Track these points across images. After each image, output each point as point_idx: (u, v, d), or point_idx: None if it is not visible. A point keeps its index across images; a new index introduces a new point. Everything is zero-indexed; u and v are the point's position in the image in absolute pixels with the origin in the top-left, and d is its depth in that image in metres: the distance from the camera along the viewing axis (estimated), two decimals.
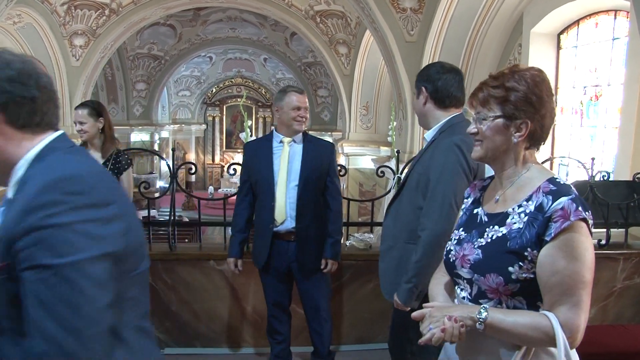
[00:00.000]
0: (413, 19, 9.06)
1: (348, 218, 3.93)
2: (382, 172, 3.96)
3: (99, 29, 12.53)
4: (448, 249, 1.80)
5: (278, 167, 3.32)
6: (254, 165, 3.40)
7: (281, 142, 3.37)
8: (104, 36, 12.69)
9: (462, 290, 1.74)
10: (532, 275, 1.57)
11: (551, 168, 8.07)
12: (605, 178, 4.25)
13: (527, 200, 1.63)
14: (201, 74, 24.54)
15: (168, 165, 4.03)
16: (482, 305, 1.58)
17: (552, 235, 1.53)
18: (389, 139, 14.11)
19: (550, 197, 1.57)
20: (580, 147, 7.80)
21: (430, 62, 8.87)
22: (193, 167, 4.45)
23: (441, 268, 1.92)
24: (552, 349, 1.58)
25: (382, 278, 2.80)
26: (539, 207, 1.58)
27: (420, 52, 8.98)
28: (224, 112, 26.38)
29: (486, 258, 1.63)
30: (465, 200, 1.91)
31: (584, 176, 4.10)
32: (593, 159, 4.25)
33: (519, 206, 1.64)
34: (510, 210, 1.66)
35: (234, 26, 18.62)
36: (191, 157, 25.61)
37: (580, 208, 1.53)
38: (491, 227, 1.68)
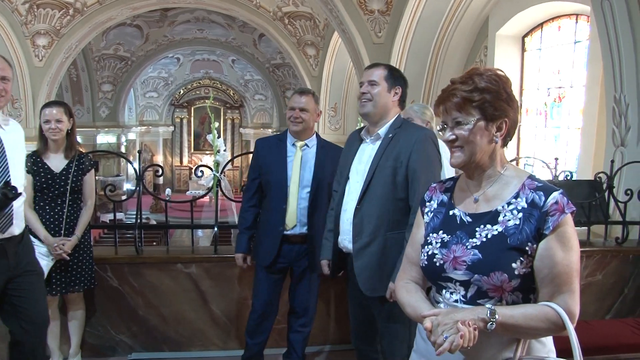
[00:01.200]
0: (381, 20, 9.13)
1: None
2: None
3: (62, 28, 12.30)
4: (430, 253, 1.75)
5: (291, 171, 3.30)
6: (266, 165, 3.36)
7: (294, 145, 3.35)
8: (68, 36, 12.47)
9: (452, 293, 1.71)
10: (529, 270, 1.61)
11: None
12: (569, 178, 4.35)
13: (515, 197, 1.66)
14: (168, 75, 24.32)
15: (134, 168, 3.97)
16: (487, 306, 1.57)
17: (551, 228, 1.59)
18: None
19: (542, 193, 1.62)
20: (544, 147, 7.96)
21: (398, 63, 8.98)
22: (160, 169, 4.38)
23: (404, 275, 1.89)
24: (542, 338, 1.67)
25: (360, 276, 2.78)
26: (532, 203, 1.62)
27: (387, 53, 9.05)
28: (192, 114, 26.17)
29: (487, 257, 1.63)
30: (428, 203, 1.87)
31: (548, 176, 4.18)
32: (557, 159, 4.36)
33: (509, 204, 1.67)
34: (499, 208, 1.68)
35: (202, 27, 18.50)
36: (159, 159, 25.34)
37: (570, 201, 1.61)
38: (482, 226, 1.68)
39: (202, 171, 4.08)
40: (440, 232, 1.76)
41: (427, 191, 1.92)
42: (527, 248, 1.61)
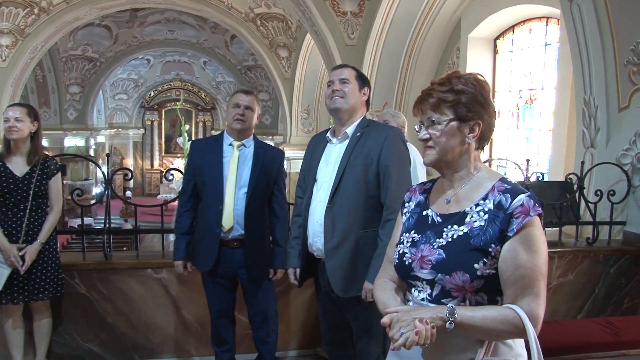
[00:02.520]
0: (353, 22, 9.16)
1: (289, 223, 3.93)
2: None
3: (27, 28, 12.01)
4: (401, 252, 1.81)
5: (227, 171, 3.26)
6: (201, 166, 3.32)
7: (231, 144, 3.31)
8: (34, 36, 12.17)
9: (420, 292, 1.76)
10: (494, 271, 1.63)
11: None
12: (540, 179, 4.41)
13: (484, 199, 1.69)
14: (139, 77, 23.99)
15: (103, 172, 3.91)
16: (448, 305, 1.61)
17: (515, 230, 1.61)
18: None
19: (509, 195, 1.65)
20: (516, 148, 8.07)
21: (370, 65, 9.02)
22: (129, 172, 4.32)
23: (383, 274, 1.94)
24: (508, 340, 1.67)
25: (333, 277, 2.77)
26: (498, 205, 1.65)
27: (360, 55, 9.08)
28: (163, 116, 25.86)
29: (450, 257, 1.67)
30: (407, 204, 1.93)
31: (519, 177, 4.24)
32: (528, 160, 4.40)
33: (477, 205, 1.70)
34: (467, 209, 1.71)
35: (173, 28, 18.30)
36: (129, 162, 24.99)
37: (537, 204, 1.63)
38: (449, 227, 1.72)
39: (172, 174, 4.05)
40: (412, 231, 1.82)
41: (407, 192, 1.97)
42: (490, 249, 1.63)
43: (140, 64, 22.85)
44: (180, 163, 19.09)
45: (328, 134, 2.92)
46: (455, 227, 1.71)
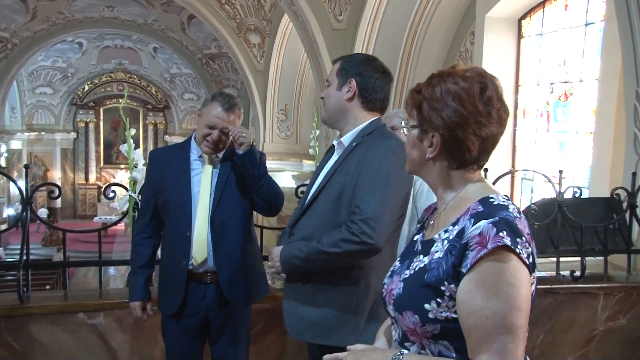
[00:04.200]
0: (342, 1, 9.20)
1: (261, 250, 3.89)
2: (302, 192, 3.92)
3: None
4: (383, 281, 1.87)
5: (198, 187, 3.23)
6: (162, 181, 3.28)
7: (202, 156, 3.27)
8: None
9: (395, 331, 1.81)
10: (455, 315, 1.60)
11: (512, 183, 8.32)
12: (578, 195, 4.37)
13: (454, 224, 1.68)
14: (68, 65, 23.94)
15: (19, 188, 3.84)
16: (399, 351, 1.65)
17: (468, 266, 1.56)
18: (311, 150, 14.16)
19: (473, 221, 1.61)
20: (547, 157, 8.07)
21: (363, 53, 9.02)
22: (56, 189, 4.26)
23: None
24: None
25: (287, 313, 2.81)
26: (460, 233, 1.63)
27: (350, 42, 9.11)
28: (101, 117, 25.92)
29: (404, 293, 1.70)
30: (418, 225, 1.99)
31: (551, 193, 4.20)
32: (561, 171, 4.36)
33: (445, 231, 1.70)
34: (436, 236, 1.73)
35: (112, 3, 18.12)
36: (55, 175, 24.95)
37: (502, 233, 1.54)
38: (418, 257, 1.75)
39: (114, 191, 4.01)
40: (398, 259, 1.89)
41: (422, 211, 2.02)
42: (442, 288, 1.60)
43: (70, 49, 22.79)
44: (123, 176, 19.03)
45: (334, 140, 2.90)
46: (421, 257, 1.74)
